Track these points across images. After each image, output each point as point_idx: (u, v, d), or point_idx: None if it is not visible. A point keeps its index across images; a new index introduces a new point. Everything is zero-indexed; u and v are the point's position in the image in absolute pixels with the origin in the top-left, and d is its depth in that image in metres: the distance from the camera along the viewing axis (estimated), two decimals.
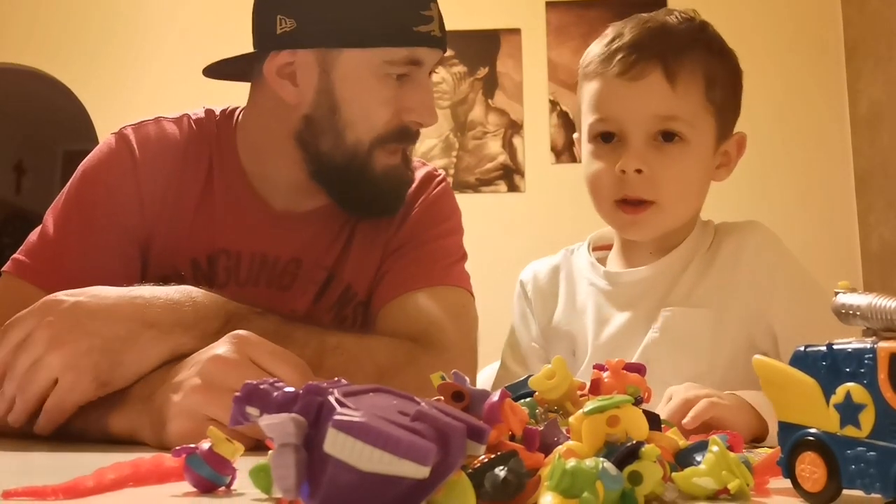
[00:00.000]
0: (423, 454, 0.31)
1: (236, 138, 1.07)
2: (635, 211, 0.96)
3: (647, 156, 0.95)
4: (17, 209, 5.45)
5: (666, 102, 0.95)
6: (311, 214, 1.06)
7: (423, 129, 1.03)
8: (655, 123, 0.95)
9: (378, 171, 0.99)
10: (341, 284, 1.05)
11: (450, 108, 3.49)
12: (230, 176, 1.05)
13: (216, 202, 1.04)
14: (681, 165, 0.96)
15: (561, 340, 1.05)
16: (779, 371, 0.44)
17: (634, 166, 0.94)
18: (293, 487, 0.32)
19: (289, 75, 0.99)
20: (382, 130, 0.98)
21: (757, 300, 0.96)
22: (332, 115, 0.98)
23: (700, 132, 0.97)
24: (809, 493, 0.41)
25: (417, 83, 0.99)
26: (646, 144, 0.95)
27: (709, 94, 0.97)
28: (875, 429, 0.38)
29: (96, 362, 0.73)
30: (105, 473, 0.47)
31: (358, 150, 0.98)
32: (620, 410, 0.43)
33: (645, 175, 0.94)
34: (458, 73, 3.52)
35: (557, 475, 0.37)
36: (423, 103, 0.99)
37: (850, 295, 0.42)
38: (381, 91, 0.97)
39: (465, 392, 0.44)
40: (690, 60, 0.96)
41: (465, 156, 3.47)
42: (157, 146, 1.04)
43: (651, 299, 1.00)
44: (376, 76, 0.96)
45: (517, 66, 3.51)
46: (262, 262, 1.03)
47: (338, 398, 0.33)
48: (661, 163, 0.95)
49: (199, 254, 1.02)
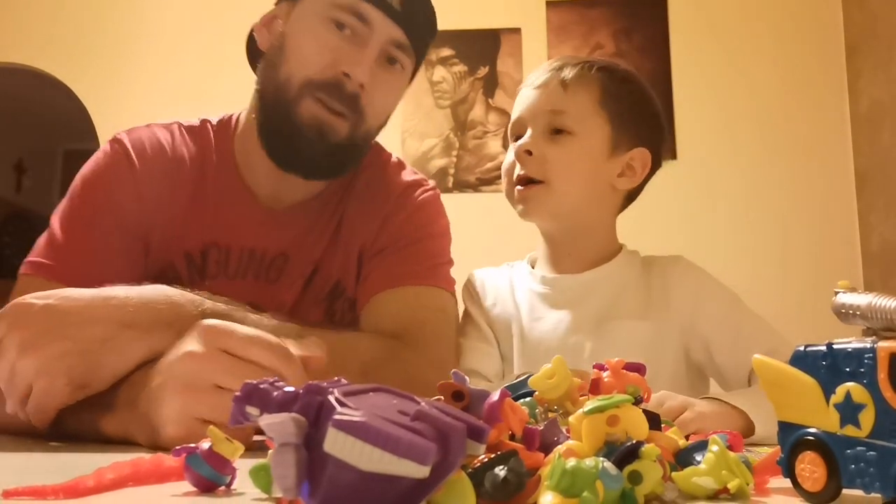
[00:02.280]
0: (423, 454, 0.31)
1: (233, 139, 1.11)
2: (526, 189, 1.11)
3: (539, 142, 1.11)
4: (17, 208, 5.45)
5: (557, 98, 1.12)
6: (297, 209, 1.08)
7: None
8: (547, 117, 1.11)
9: (304, 117, 0.99)
10: (330, 279, 1.07)
11: (450, 107, 3.49)
12: (224, 172, 1.08)
13: (208, 197, 1.07)
14: (566, 150, 1.10)
15: (501, 330, 1.15)
16: (779, 371, 0.44)
17: (526, 148, 1.11)
18: (293, 487, 0.32)
19: (268, 26, 1.07)
20: (314, 75, 0.99)
21: (688, 315, 1.09)
22: (278, 53, 1.02)
23: (588, 129, 1.11)
24: (809, 493, 0.41)
25: (361, 42, 1.00)
26: (540, 135, 1.11)
27: (602, 101, 1.12)
28: (875, 428, 0.38)
29: (70, 365, 0.71)
30: (105, 473, 0.47)
31: (287, 87, 1.00)
32: (620, 410, 0.43)
33: (535, 156, 1.10)
34: (459, 72, 3.52)
35: (557, 475, 0.37)
36: (359, 59, 0.99)
37: (849, 294, 0.42)
38: (319, 31, 1.00)
39: (465, 391, 0.44)
40: (587, 76, 1.13)
41: (465, 155, 3.47)
42: (149, 146, 1.08)
43: (585, 306, 1.12)
44: (320, 18, 1.01)
45: (517, 65, 3.51)
46: (250, 256, 1.05)
47: (338, 398, 0.33)
48: (549, 148, 1.10)
49: (193, 247, 1.05)
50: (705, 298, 1.10)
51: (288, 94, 0.99)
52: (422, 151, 3.41)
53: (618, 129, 1.13)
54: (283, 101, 1.00)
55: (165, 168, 1.06)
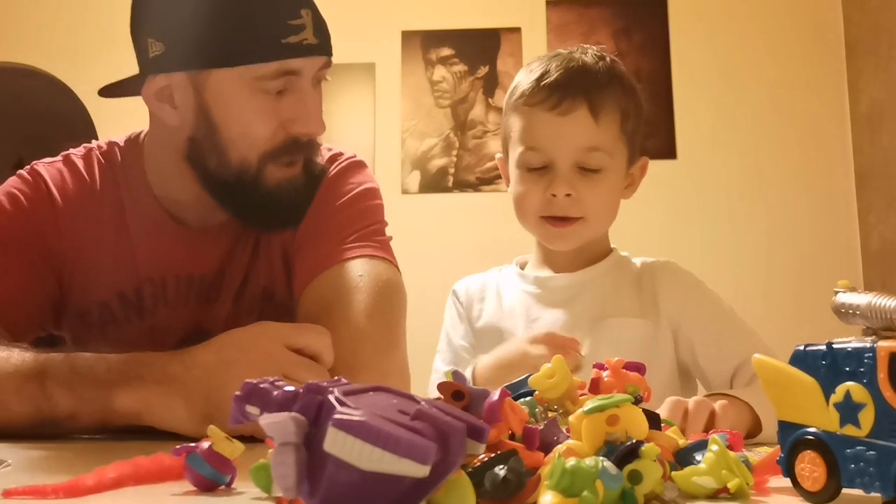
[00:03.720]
0: (423, 453, 0.31)
1: (144, 162, 1.07)
2: (563, 225, 1.10)
3: (574, 181, 1.08)
4: None
5: (590, 135, 1.09)
6: (224, 225, 1.05)
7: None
8: (581, 153, 1.09)
9: (272, 185, 0.97)
10: (258, 287, 1.05)
11: (450, 107, 3.49)
12: (142, 203, 1.05)
13: (132, 232, 1.04)
14: (602, 188, 1.10)
15: (490, 337, 1.15)
16: (779, 370, 0.44)
17: (565, 191, 1.08)
18: (293, 486, 0.32)
19: (167, 98, 0.98)
20: (268, 146, 0.96)
21: (675, 318, 1.10)
22: (213, 135, 0.96)
23: (616, 160, 1.11)
24: (809, 492, 0.41)
25: (298, 93, 0.96)
26: (572, 171, 1.09)
27: (623, 127, 1.11)
28: (875, 428, 0.38)
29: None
30: (105, 472, 0.47)
31: (246, 168, 0.96)
32: (620, 409, 0.43)
33: (573, 198, 1.08)
34: (459, 72, 3.51)
35: (557, 474, 0.37)
36: (305, 113, 0.97)
37: (849, 294, 0.42)
38: (258, 106, 0.95)
39: (464, 391, 0.44)
40: (610, 97, 1.10)
41: (465, 155, 3.47)
42: (70, 185, 1.05)
43: (580, 304, 1.13)
44: (250, 91, 0.94)
45: (517, 64, 3.51)
46: (188, 282, 1.03)
47: (338, 397, 0.33)
48: (586, 186, 1.09)
49: (125, 286, 1.02)
50: (691, 302, 1.12)
51: (249, 174, 0.96)
52: (422, 151, 3.41)
53: (631, 148, 1.14)
54: (247, 182, 0.97)
55: (87, 208, 1.03)
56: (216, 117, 0.96)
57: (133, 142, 1.09)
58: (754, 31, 3.39)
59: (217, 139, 0.96)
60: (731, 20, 3.41)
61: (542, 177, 1.10)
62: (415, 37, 3.44)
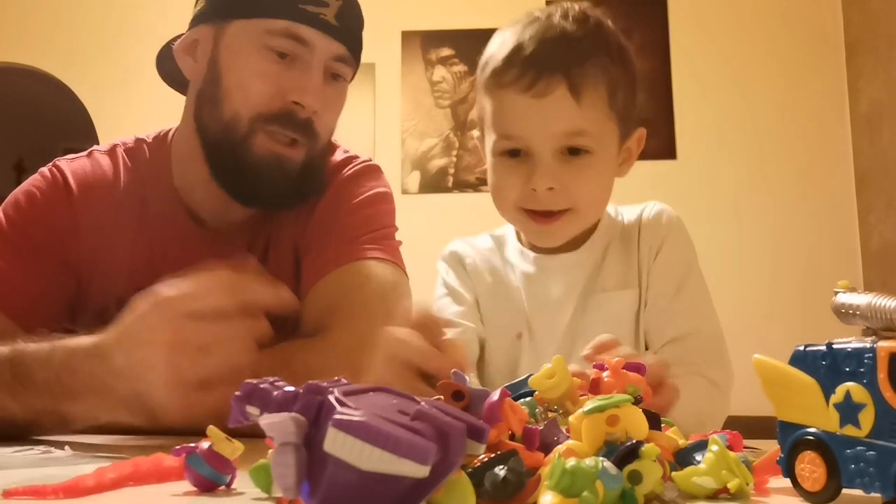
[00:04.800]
0: (423, 453, 0.31)
1: (170, 158, 1.07)
2: (547, 221, 0.96)
3: (556, 172, 0.94)
4: None
5: (572, 119, 0.93)
6: (240, 225, 1.05)
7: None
8: (563, 140, 0.94)
9: (257, 153, 0.96)
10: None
11: (450, 107, 3.49)
12: (164, 200, 1.05)
13: (152, 231, 1.04)
14: (590, 176, 0.95)
15: (500, 318, 1.04)
16: (778, 370, 0.44)
17: (546, 185, 0.93)
18: (293, 486, 0.32)
19: (192, 52, 1.02)
20: (263, 108, 0.95)
21: (645, 277, 1.00)
22: (215, 85, 0.98)
23: (605, 142, 0.97)
24: (809, 493, 0.41)
25: (305, 66, 0.96)
26: (554, 160, 0.94)
27: (612, 103, 0.96)
28: (875, 428, 0.38)
29: None
30: (105, 473, 0.47)
31: (235, 125, 0.96)
32: (620, 410, 0.43)
33: (556, 191, 0.94)
34: (459, 72, 3.51)
35: (557, 474, 0.37)
36: (305, 84, 0.96)
37: (849, 294, 0.42)
38: (259, 63, 0.96)
39: (464, 391, 0.44)
40: (593, 71, 0.95)
41: (465, 155, 3.46)
42: (92, 180, 1.04)
43: (572, 282, 1.02)
44: (256, 47, 0.96)
45: None
46: None
47: (338, 397, 0.33)
48: (571, 175, 0.94)
49: (144, 283, 1.01)
50: (657, 266, 1.00)
51: (237, 132, 0.96)
52: (422, 151, 3.41)
53: (624, 123, 0.99)
54: (233, 141, 0.96)
55: (108, 203, 1.03)
56: (221, 66, 0.98)
57: (161, 139, 1.10)
58: (754, 32, 3.39)
59: (216, 89, 0.98)
60: (731, 20, 3.41)
61: (520, 164, 0.95)
62: (415, 37, 3.44)
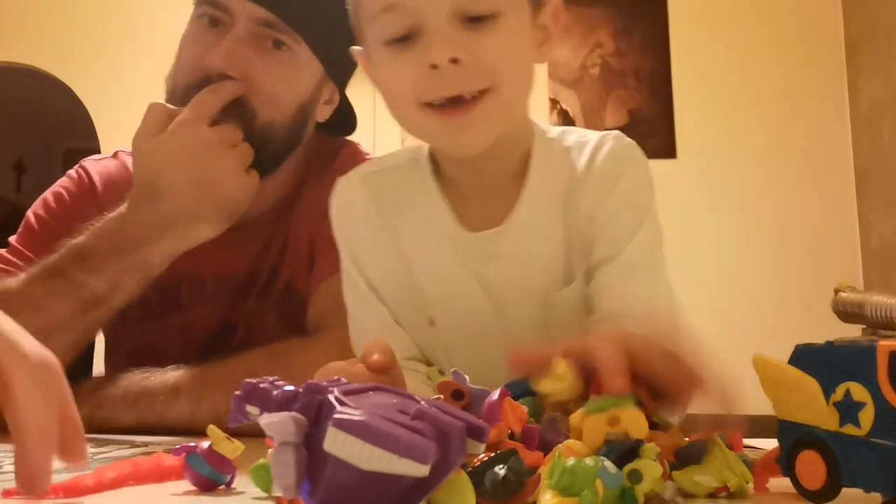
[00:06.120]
0: (422, 453, 0.31)
1: None
2: (460, 111, 0.72)
3: (458, 40, 0.71)
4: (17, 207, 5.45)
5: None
6: (259, 220, 1.04)
7: None
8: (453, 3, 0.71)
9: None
10: (281, 282, 1.04)
11: None
12: None
13: None
14: (501, 40, 0.72)
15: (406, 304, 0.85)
16: (778, 369, 0.44)
17: (448, 54, 0.70)
18: (293, 486, 0.32)
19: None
20: (190, 77, 0.95)
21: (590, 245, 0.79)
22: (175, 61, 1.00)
23: (513, 3, 0.74)
24: (809, 492, 0.41)
25: (225, 33, 0.95)
26: (452, 28, 0.71)
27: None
28: (875, 427, 0.38)
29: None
30: (105, 472, 0.47)
31: (177, 97, 0.96)
32: (620, 410, 0.43)
33: (463, 63, 0.70)
34: None
35: (557, 473, 0.37)
36: (220, 46, 0.94)
37: (849, 294, 0.42)
38: (190, 31, 0.98)
39: (464, 391, 0.44)
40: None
41: None
42: (117, 178, 1.06)
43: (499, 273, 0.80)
44: (194, 19, 0.98)
45: None
46: (225, 280, 1.04)
47: (338, 397, 0.33)
48: (477, 42, 0.71)
49: (165, 281, 1.01)
50: (608, 232, 0.78)
51: (178, 104, 0.95)
52: None
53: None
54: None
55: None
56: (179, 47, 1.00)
57: None
58: (754, 31, 3.39)
59: (173, 69, 1.00)
60: (730, 20, 3.41)
61: (411, 48, 0.72)
62: None
